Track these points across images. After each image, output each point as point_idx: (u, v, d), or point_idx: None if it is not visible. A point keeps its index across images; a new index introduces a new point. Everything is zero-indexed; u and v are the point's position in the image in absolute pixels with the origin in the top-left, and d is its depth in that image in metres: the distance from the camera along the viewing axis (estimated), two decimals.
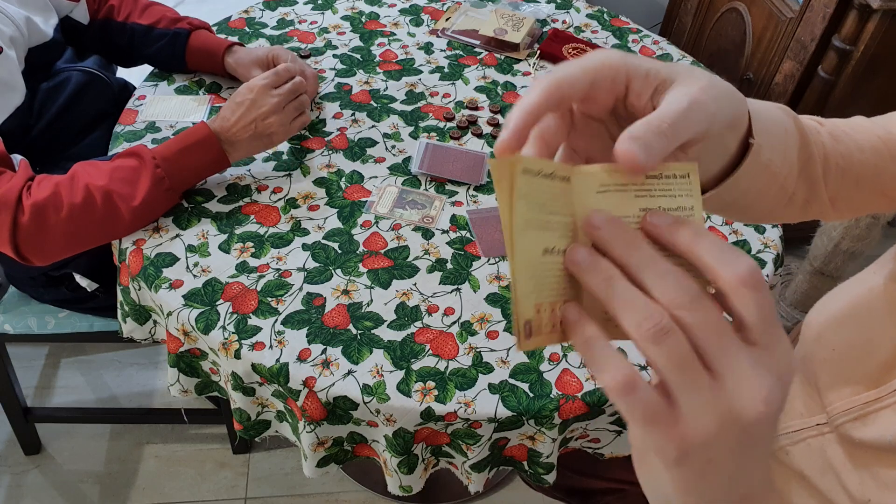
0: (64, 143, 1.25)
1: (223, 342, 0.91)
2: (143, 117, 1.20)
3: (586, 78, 0.37)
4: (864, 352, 0.71)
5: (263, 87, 1.07)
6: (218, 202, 1.08)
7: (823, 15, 1.58)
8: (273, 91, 1.07)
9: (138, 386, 1.74)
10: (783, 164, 0.53)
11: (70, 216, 0.96)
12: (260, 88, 1.06)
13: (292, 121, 1.10)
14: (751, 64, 1.83)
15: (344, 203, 1.09)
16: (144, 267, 0.99)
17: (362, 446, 0.98)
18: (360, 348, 0.92)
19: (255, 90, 1.06)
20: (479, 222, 1.09)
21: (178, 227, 1.04)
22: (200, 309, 0.94)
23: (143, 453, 1.62)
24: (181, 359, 1.00)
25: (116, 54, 1.32)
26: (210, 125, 1.04)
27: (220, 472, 1.61)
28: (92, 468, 1.59)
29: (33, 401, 1.69)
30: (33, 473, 1.57)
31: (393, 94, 1.29)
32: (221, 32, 1.39)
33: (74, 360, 1.78)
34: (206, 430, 1.67)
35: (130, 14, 1.27)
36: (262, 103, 1.06)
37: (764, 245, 1.11)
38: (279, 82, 1.09)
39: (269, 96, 1.07)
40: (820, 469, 0.75)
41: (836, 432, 0.73)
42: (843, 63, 1.58)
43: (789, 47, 1.69)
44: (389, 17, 1.48)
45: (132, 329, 1.07)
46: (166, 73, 1.29)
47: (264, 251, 1.02)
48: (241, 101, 1.06)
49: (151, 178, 0.99)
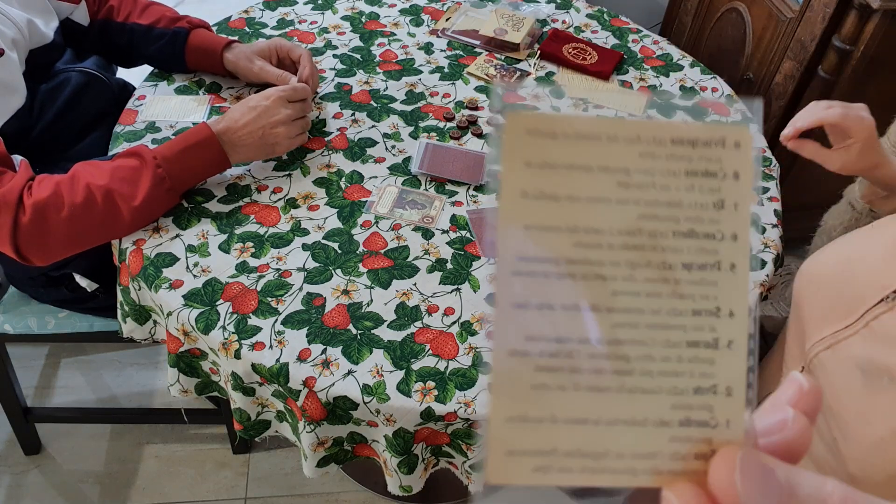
0: (64, 143, 1.25)
1: (223, 342, 0.91)
2: (143, 117, 1.20)
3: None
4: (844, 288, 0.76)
5: (280, 98, 1.08)
6: (218, 202, 1.08)
7: (823, 15, 1.58)
8: (287, 103, 1.09)
9: (138, 386, 1.73)
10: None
11: (71, 216, 0.96)
12: (276, 98, 1.07)
13: (296, 136, 1.12)
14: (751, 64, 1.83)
15: (344, 203, 1.09)
16: (144, 267, 0.98)
17: (362, 446, 0.98)
18: (360, 348, 0.92)
19: (271, 98, 1.07)
20: (479, 222, 1.09)
21: (178, 227, 1.04)
22: (200, 309, 0.94)
23: (143, 453, 1.62)
24: (181, 359, 1.00)
25: (116, 55, 1.31)
26: (214, 125, 1.05)
27: (220, 473, 1.60)
28: (92, 468, 1.59)
29: (33, 401, 1.69)
30: (33, 473, 1.57)
31: (393, 94, 1.29)
32: (221, 32, 1.38)
33: (74, 360, 1.78)
34: (206, 430, 1.67)
35: (130, 14, 1.27)
36: (274, 112, 1.07)
37: (764, 245, 1.11)
38: (295, 97, 1.10)
39: (283, 107, 1.08)
40: None
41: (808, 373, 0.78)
42: (843, 63, 1.58)
43: (789, 47, 1.69)
44: (389, 17, 1.48)
45: (132, 329, 1.07)
46: (166, 73, 1.29)
47: (264, 251, 1.02)
48: (254, 105, 1.06)
49: (152, 178, 0.99)
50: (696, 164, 0.28)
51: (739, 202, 0.28)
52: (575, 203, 0.27)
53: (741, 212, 0.28)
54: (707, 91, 1.38)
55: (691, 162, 0.28)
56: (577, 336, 0.27)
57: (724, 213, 0.28)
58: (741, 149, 0.28)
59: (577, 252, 0.27)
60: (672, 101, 1.17)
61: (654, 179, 0.28)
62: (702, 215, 0.28)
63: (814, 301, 0.81)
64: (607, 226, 0.27)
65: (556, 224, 0.27)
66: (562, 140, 0.28)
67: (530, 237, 0.28)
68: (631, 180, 0.28)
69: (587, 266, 0.27)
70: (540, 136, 0.27)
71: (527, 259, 0.28)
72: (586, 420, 0.27)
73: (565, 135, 0.27)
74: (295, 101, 1.11)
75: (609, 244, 0.28)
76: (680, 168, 0.28)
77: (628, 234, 0.28)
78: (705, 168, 0.28)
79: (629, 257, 0.27)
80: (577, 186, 0.27)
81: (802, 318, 0.83)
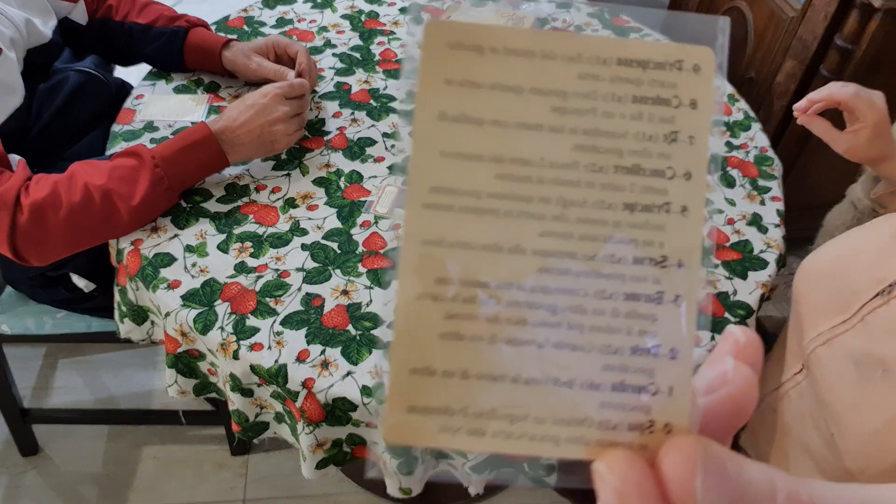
0: (62, 143, 1.24)
1: (221, 343, 0.91)
2: (141, 117, 1.19)
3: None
4: (840, 283, 0.77)
5: (277, 95, 1.07)
6: (216, 202, 1.07)
7: (825, 14, 1.57)
8: (284, 100, 1.08)
9: (136, 387, 1.73)
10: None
11: (69, 216, 0.95)
12: (274, 95, 1.06)
13: (294, 132, 1.11)
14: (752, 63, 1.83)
15: (343, 203, 1.09)
16: (142, 267, 0.98)
17: (361, 448, 0.97)
18: (360, 349, 0.91)
19: (269, 96, 1.06)
20: None
21: (177, 227, 1.03)
22: (199, 309, 0.93)
23: (142, 454, 1.61)
24: (179, 360, 0.99)
25: (114, 54, 1.31)
26: (212, 125, 1.04)
27: (218, 474, 1.60)
28: (90, 469, 1.58)
29: (31, 402, 1.68)
30: (31, 475, 1.56)
31: (392, 94, 1.28)
32: (220, 31, 1.38)
33: (72, 361, 1.77)
34: (205, 431, 1.66)
35: (128, 13, 1.27)
36: (272, 110, 1.06)
37: (766, 245, 1.10)
38: (293, 94, 1.09)
39: (280, 104, 1.07)
40: (798, 416, 0.81)
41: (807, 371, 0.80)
42: (844, 62, 1.58)
43: (791, 46, 1.68)
44: (389, 15, 1.47)
45: (130, 330, 1.06)
46: (165, 73, 1.28)
47: (263, 251, 1.01)
48: (251, 103, 1.06)
49: (150, 178, 0.99)
50: (645, 90, 0.24)
51: (696, 135, 0.24)
52: (501, 129, 0.24)
53: (697, 146, 0.24)
54: None
55: (640, 86, 0.24)
56: (497, 281, 0.24)
57: (676, 148, 0.24)
58: (701, 73, 0.24)
59: (501, 185, 0.24)
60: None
61: (595, 105, 0.24)
62: (650, 149, 0.24)
63: (811, 297, 0.81)
64: (538, 157, 0.24)
65: (477, 152, 0.24)
66: (489, 56, 0.24)
67: (447, 166, 0.24)
68: (567, 105, 0.24)
69: (512, 202, 0.24)
70: (463, 49, 0.24)
71: (441, 190, 0.24)
72: (503, 377, 0.23)
73: (493, 49, 0.24)
74: (293, 97, 1.10)
75: (539, 178, 0.24)
76: (626, 93, 0.24)
77: (562, 167, 0.24)
78: (657, 94, 0.24)
79: (562, 193, 0.24)
80: (505, 110, 0.24)
81: (801, 315, 0.83)
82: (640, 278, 0.24)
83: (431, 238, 0.23)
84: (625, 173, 0.24)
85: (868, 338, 0.74)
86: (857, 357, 0.74)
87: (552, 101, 0.24)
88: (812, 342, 0.79)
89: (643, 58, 0.24)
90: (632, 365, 0.24)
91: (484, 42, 0.24)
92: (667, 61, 0.24)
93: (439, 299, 0.23)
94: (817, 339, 0.78)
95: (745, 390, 0.24)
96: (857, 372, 0.73)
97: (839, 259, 0.81)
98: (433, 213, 0.24)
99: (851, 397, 0.74)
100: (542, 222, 0.24)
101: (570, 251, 0.24)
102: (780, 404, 0.87)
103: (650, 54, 0.24)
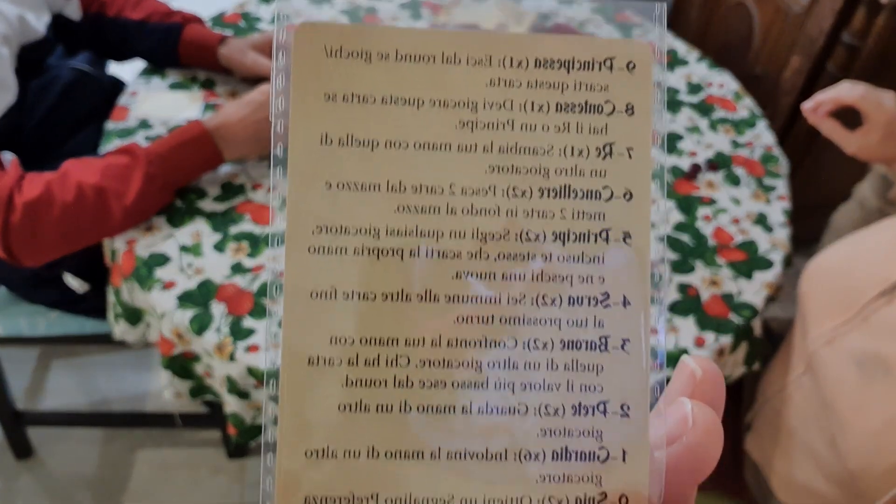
0: (55, 141, 1.23)
1: (217, 344, 0.89)
2: (136, 114, 1.17)
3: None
4: (844, 283, 0.79)
5: None
6: (212, 201, 1.05)
7: (832, 9, 1.55)
8: None
9: (131, 389, 1.71)
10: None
11: (62, 215, 0.93)
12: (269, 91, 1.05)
13: None
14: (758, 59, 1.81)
15: None
16: (137, 267, 0.96)
17: None
18: None
19: (265, 93, 1.05)
20: None
21: (172, 227, 1.01)
22: (194, 310, 0.91)
23: (136, 458, 1.59)
24: (174, 361, 0.97)
25: (108, 50, 1.29)
26: (208, 122, 1.02)
27: (214, 478, 1.57)
28: (84, 473, 1.56)
29: (24, 404, 1.66)
30: (25, 478, 1.54)
31: None
32: (216, 27, 1.36)
33: (66, 363, 1.75)
34: (201, 434, 1.64)
35: (122, 9, 1.25)
36: (268, 106, 1.04)
37: (772, 245, 1.08)
38: None
39: None
40: (802, 417, 0.83)
41: (810, 372, 0.81)
42: (852, 59, 1.56)
43: (797, 42, 1.66)
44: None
45: (124, 331, 1.05)
46: (159, 69, 1.26)
47: (260, 251, 0.99)
48: (249, 100, 1.04)
49: (144, 176, 0.97)
50: (571, 95, 0.20)
51: (635, 146, 0.20)
52: (398, 151, 0.20)
53: (638, 160, 0.20)
54: (713, 87, 1.36)
55: (565, 92, 0.20)
56: (405, 335, 0.20)
57: (612, 163, 0.20)
58: (636, 73, 0.20)
59: (401, 219, 0.20)
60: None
61: (510, 116, 0.20)
62: (581, 165, 0.20)
63: (815, 297, 0.82)
64: (445, 182, 0.20)
65: (371, 180, 0.20)
66: (378, 63, 0.20)
67: (334, 199, 0.20)
68: (478, 118, 0.20)
69: (417, 239, 0.20)
70: (345, 57, 0.20)
71: (329, 230, 0.20)
72: (420, 453, 0.19)
73: (383, 55, 0.20)
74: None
75: (449, 208, 0.20)
76: (548, 100, 0.20)
77: (475, 193, 0.20)
78: (585, 100, 0.20)
79: (477, 225, 0.20)
80: (402, 128, 0.20)
81: (805, 315, 0.83)
82: (578, 322, 0.20)
83: (320, 288, 0.20)
84: (552, 197, 0.20)
85: (870, 337, 0.74)
86: (858, 357, 0.74)
87: (459, 114, 0.20)
88: (815, 342, 0.79)
89: (566, 57, 0.20)
90: (575, 427, 0.20)
91: (371, 46, 0.20)
92: (595, 60, 0.20)
93: (335, 364, 0.20)
94: (820, 340, 0.79)
95: (708, 438, 0.20)
96: (859, 372, 0.73)
97: (845, 259, 0.81)
98: (320, 259, 0.20)
99: (853, 397, 0.74)
100: (457, 262, 0.20)
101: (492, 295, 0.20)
102: (785, 406, 0.86)
103: (574, 52, 0.20)
